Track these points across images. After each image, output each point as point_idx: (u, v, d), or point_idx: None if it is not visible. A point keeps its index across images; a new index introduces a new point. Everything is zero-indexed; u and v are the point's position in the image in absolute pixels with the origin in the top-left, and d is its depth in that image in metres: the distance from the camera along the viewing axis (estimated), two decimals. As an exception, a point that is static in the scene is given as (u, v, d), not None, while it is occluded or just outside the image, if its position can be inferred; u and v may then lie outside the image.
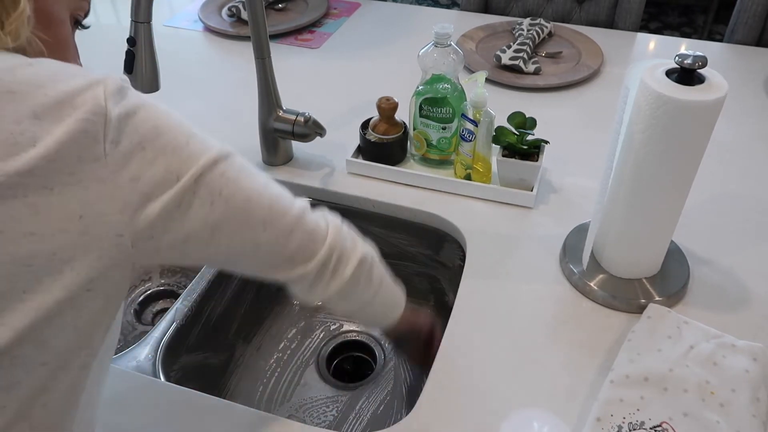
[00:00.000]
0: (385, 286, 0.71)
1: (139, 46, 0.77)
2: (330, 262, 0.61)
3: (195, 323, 0.90)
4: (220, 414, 0.71)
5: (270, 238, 0.55)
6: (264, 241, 0.55)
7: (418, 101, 0.99)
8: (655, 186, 0.73)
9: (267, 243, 0.55)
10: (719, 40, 1.48)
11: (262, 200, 0.54)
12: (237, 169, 0.52)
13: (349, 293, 0.65)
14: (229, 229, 0.51)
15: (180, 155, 0.48)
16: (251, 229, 0.53)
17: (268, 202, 0.54)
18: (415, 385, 0.97)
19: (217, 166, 0.50)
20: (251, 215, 0.53)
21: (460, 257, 0.93)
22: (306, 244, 0.58)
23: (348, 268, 0.63)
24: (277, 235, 0.55)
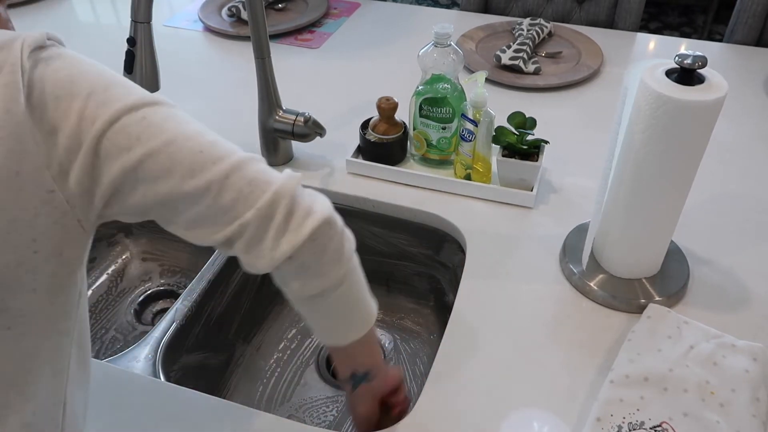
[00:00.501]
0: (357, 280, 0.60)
1: (139, 46, 0.77)
2: (276, 211, 0.51)
3: (195, 323, 0.90)
4: (220, 414, 0.71)
5: (199, 185, 0.48)
6: (192, 189, 0.48)
7: (418, 101, 0.99)
8: (655, 186, 0.73)
9: (196, 191, 0.48)
10: (719, 40, 1.48)
11: (191, 144, 0.48)
12: (163, 115, 0.48)
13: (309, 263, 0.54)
14: (151, 175, 0.47)
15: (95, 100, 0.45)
16: (177, 175, 0.47)
17: (198, 146, 0.48)
18: (415, 385, 0.97)
19: (138, 111, 0.46)
20: (175, 160, 0.47)
21: (460, 257, 0.93)
22: (246, 192, 0.50)
23: (308, 223, 0.52)
24: (208, 182, 0.48)
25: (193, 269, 1.05)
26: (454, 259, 0.97)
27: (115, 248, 1.15)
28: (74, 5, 1.64)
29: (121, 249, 1.15)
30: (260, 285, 1.04)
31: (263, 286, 1.05)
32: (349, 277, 0.59)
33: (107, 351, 1.01)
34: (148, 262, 1.14)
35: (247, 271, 0.54)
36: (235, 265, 0.97)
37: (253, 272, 0.54)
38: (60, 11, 1.59)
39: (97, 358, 0.79)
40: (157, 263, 1.15)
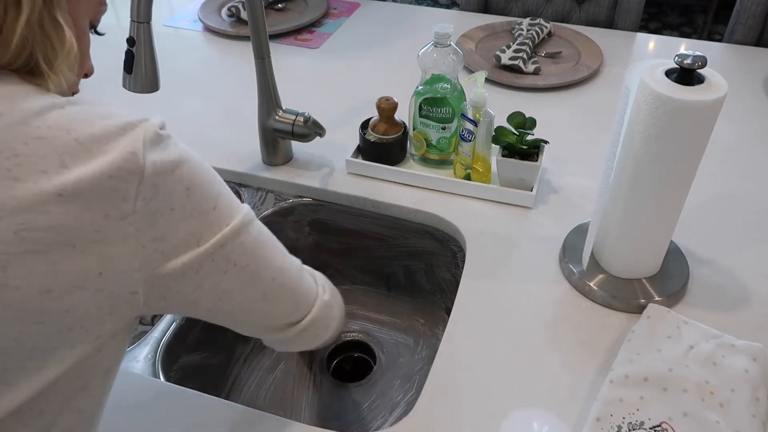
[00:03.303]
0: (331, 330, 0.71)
1: (138, 46, 0.77)
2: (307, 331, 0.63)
3: (195, 323, 0.90)
4: (220, 414, 0.71)
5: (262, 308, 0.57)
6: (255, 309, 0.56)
7: (417, 101, 0.99)
8: (655, 186, 0.73)
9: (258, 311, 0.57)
10: (719, 40, 1.48)
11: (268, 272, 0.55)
12: (255, 238, 0.53)
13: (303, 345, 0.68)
14: (234, 296, 0.52)
15: (205, 220, 0.47)
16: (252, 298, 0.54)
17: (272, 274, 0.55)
18: (415, 384, 0.97)
19: (239, 236, 0.50)
20: (255, 285, 0.54)
21: (460, 257, 0.93)
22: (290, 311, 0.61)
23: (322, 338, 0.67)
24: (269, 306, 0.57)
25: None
26: (454, 259, 0.97)
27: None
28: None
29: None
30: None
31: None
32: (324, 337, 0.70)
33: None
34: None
35: None
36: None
37: None
38: (60, 11, 1.59)
39: (97, 358, 0.79)
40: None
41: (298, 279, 0.60)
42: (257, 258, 0.53)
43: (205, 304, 0.51)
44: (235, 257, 0.50)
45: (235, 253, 0.50)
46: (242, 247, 0.51)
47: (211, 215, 0.48)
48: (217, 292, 0.50)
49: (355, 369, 1.01)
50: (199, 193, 0.47)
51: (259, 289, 0.54)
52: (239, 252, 0.51)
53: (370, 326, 1.07)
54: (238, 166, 1.04)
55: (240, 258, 0.51)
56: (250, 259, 0.52)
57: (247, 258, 0.52)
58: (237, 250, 0.50)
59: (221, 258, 0.49)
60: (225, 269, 0.50)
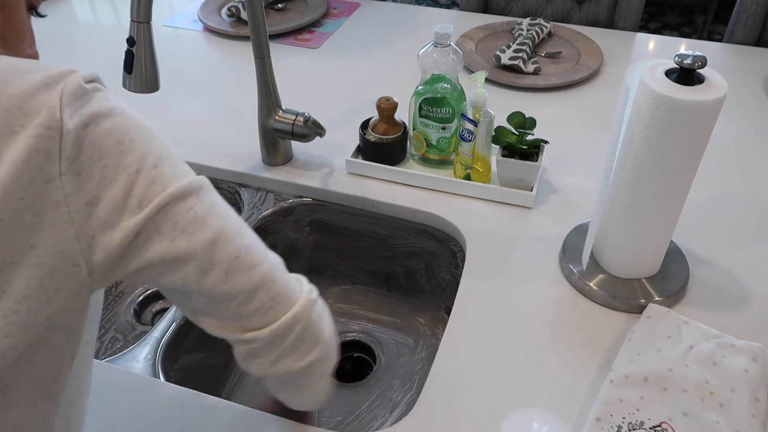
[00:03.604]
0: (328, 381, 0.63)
1: (138, 46, 0.77)
2: (289, 335, 0.52)
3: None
4: (220, 414, 0.71)
5: (229, 291, 0.48)
6: (220, 294, 0.48)
7: (417, 101, 0.99)
8: (655, 186, 0.73)
9: (224, 295, 0.48)
10: (719, 40, 1.48)
11: (230, 247, 0.47)
12: (208, 207, 0.47)
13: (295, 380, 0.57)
14: (186, 269, 0.46)
15: (145, 177, 0.42)
16: (211, 276, 0.47)
17: (235, 251, 0.48)
18: (414, 384, 0.97)
19: (186, 200, 0.45)
20: (213, 261, 0.46)
21: (460, 257, 0.93)
22: (267, 307, 0.50)
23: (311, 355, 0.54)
24: (237, 290, 0.48)
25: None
26: (454, 259, 0.97)
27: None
28: (74, 5, 1.64)
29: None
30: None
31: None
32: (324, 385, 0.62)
33: (107, 351, 1.01)
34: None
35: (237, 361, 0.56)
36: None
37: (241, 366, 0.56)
38: (60, 11, 1.59)
39: (97, 358, 0.79)
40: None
41: (273, 266, 0.51)
42: (212, 228, 0.46)
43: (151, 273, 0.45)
44: (183, 223, 0.44)
45: (182, 218, 0.44)
46: (191, 212, 0.45)
47: (151, 173, 0.43)
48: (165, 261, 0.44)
49: (355, 369, 1.01)
50: (135, 149, 0.42)
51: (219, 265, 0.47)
52: (188, 218, 0.44)
53: (370, 326, 1.07)
54: (238, 166, 1.04)
55: (189, 225, 0.44)
56: (202, 227, 0.45)
57: (198, 225, 0.45)
58: (185, 215, 0.44)
59: (165, 222, 0.43)
60: (172, 236, 0.44)
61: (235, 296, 0.49)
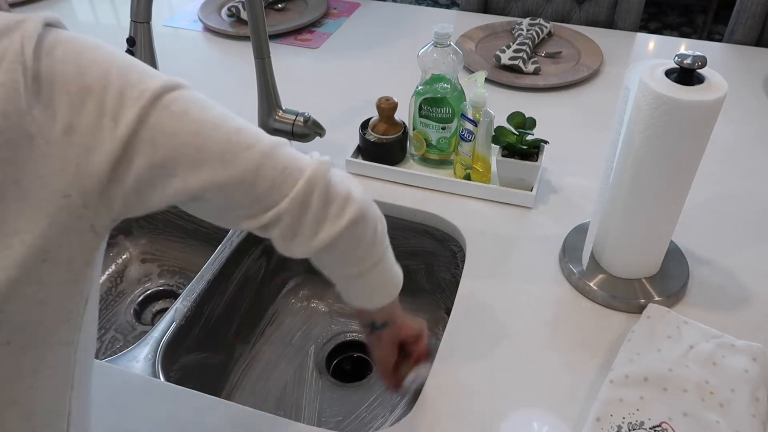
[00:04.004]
0: (389, 255, 0.62)
1: (138, 46, 0.77)
2: (310, 201, 0.51)
3: (195, 323, 0.90)
4: (220, 414, 0.71)
5: (232, 175, 0.47)
6: (224, 180, 0.47)
7: (417, 101, 0.99)
8: (655, 186, 0.73)
9: (229, 181, 0.47)
10: (719, 40, 1.48)
11: (218, 133, 0.46)
12: (185, 102, 0.45)
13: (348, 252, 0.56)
14: (179, 168, 0.45)
15: (113, 93, 0.42)
16: (206, 166, 0.46)
17: (225, 135, 0.47)
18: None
19: (160, 101, 0.44)
20: (204, 151, 0.45)
21: (460, 257, 0.93)
22: (279, 181, 0.49)
23: (346, 213, 0.53)
24: (240, 171, 0.47)
25: (193, 269, 1.05)
26: (454, 259, 0.97)
27: (115, 249, 1.15)
28: (74, 5, 1.64)
29: (121, 250, 1.15)
30: (260, 285, 1.04)
31: (263, 286, 1.05)
32: (383, 257, 0.61)
33: (107, 351, 1.01)
34: (148, 263, 1.15)
35: (284, 254, 0.54)
36: (235, 265, 0.97)
37: (290, 256, 0.54)
38: (60, 11, 1.59)
39: (97, 358, 0.79)
40: (156, 264, 1.15)
41: (272, 144, 0.50)
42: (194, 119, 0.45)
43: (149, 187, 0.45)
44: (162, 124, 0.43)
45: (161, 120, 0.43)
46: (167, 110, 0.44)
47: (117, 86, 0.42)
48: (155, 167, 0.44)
49: (355, 369, 1.01)
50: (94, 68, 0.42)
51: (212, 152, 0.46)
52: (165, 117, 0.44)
53: (370, 326, 1.07)
54: (238, 166, 1.04)
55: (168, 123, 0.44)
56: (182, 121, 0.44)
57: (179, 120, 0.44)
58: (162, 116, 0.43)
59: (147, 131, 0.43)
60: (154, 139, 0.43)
61: (241, 180, 0.48)
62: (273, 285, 1.08)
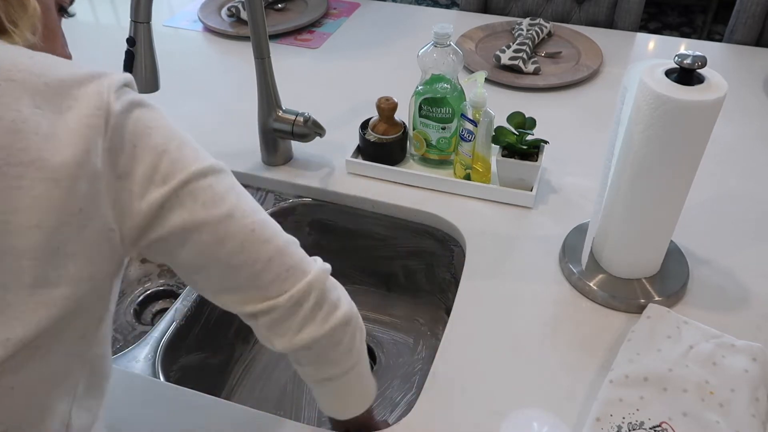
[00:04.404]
0: (364, 363, 0.65)
1: (138, 46, 0.77)
2: (306, 301, 0.56)
3: (195, 323, 0.90)
4: (220, 414, 0.71)
5: (245, 260, 0.52)
6: (237, 263, 0.52)
7: (417, 101, 0.99)
8: (655, 186, 0.73)
9: (240, 265, 0.53)
10: (719, 40, 1.48)
11: (245, 221, 0.52)
12: (226, 186, 0.52)
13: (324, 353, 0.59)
14: (203, 239, 0.50)
15: (169, 158, 0.48)
16: (227, 246, 0.51)
17: (251, 224, 0.52)
18: (414, 384, 0.97)
19: (206, 178, 0.50)
20: (229, 233, 0.51)
21: (460, 257, 0.93)
22: (283, 277, 0.55)
23: (332, 318, 0.57)
24: (254, 259, 0.53)
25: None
26: (454, 259, 0.97)
27: (115, 248, 1.15)
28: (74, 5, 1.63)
29: (121, 249, 1.15)
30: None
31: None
32: (357, 365, 0.64)
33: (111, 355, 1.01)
34: (148, 263, 1.14)
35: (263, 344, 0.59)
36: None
37: (269, 347, 0.59)
38: (60, 11, 1.59)
39: (97, 358, 0.79)
40: (156, 264, 1.15)
41: (287, 242, 0.56)
42: (229, 203, 0.51)
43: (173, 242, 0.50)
44: (203, 197, 0.49)
45: (202, 193, 0.49)
46: (210, 189, 0.50)
47: (175, 153, 0.48)
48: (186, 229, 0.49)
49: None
50: (162, 133, 0.48)
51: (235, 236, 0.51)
52: (207, 193, 0.50)
53: (370, 326, 1.07)
54: (238, 166, 1.04)
55: (207, 198, 0.50)
56: (220, 202, 0.50)
57: (217, 200, 0.50)
58: (205, 190, 0.50)
59: (187, 196, 0.49)
60: (191, 208, 0.49)
61: (252, 265, 0.53)
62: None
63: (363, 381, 0.67)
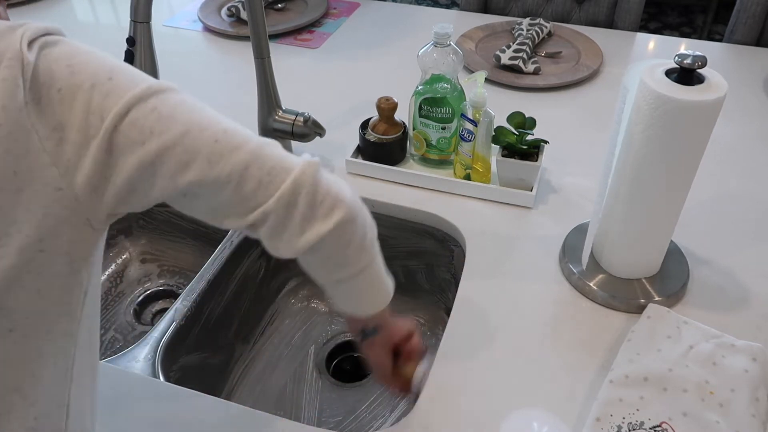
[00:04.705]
0: (378, 263, 0.62)
1: (138, 46, 0.77)
2: (297, 201, 0.51)
3: (195, 323, 0.90)
4: (219, 414, 0.71)
5: (219, 174, 0.47)
6: (211, 179, 0.47)
7: (417, 101, 0.99)
8: (655, 186, 0.73)
9: (215, 182, 0.48)
10: (719, 40, 1.48)
11: (205, 134, 0.47)
12: (173, 104, 0.46)
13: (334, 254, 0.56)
14: (168, 168, 0.46)
15: (100, 91, 0.43)
16: (194, 166, 0.46)
17: (212, 136, 0.47)
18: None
19: (147, 102, 0.45)
20: (192, 152, 0.46)
21: (460, 257, 0.93)
22: (266, 181, 0.49)
23: (333, 214, 0.52)
24: (227, 172, 0.48)
25: (193, 269, 1.05)
26: (454, 259, 0.97)
27: (115, 249, 1.15)
28: (74, 5, 1.64)
29: (121, 250, 1.15)
30: (260, 285, 1.04)
31: (263, 286, 1.05)
32: (371, 263, 0.60)
33: (107, 351, 1.01)
34: (148, 263, 1.15)
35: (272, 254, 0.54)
36: (235, 266, 0.97)
37: (277, 256, 0.54)
38: (59, 11, 1.59)
39: (97, 358, 0.79)
40: (156, 264, 1.15)
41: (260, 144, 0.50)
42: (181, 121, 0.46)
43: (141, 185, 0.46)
44: (149, 124, 0.44)
45: (146, 120, 0.44)
46: (154, 112, 0.45)
47: (106, 86, 0.43)
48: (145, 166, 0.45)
49: (355, 369, 1.01)
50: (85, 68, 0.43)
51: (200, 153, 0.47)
52: (152, 119, 0.44)
53: (370, 326, 1.07)
54: (238, 166, 1.04)
55: (156, 124, 0.44)
56: (170, 122, 0.45)
57: (167, 122, 0.45)
58: (148, 116, 0.44)
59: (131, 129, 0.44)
60: (142, 140, 0.44)
61: (227, 180, 0.48)
62: (273, 285, 1.08)
63: (378, 280, 0.63)
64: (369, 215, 0.59)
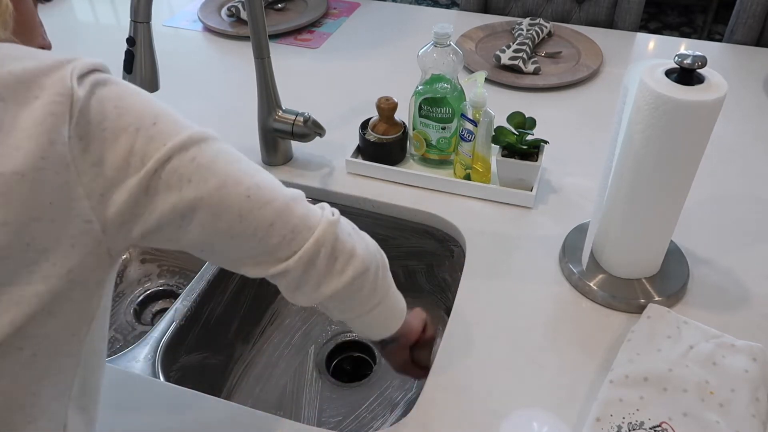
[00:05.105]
0: (390, 295, 0.66)
1: (138, 46, 0.77)
2: (317, 259, 0.55)
3: (195, 323, 0.90)
4: (219, 414, 0.71)
5: (246, 229, 0.50)
6: (239, 233, 0.50)
7: (417, 101, 0.99)
8: (655, 186, 0.73)
9: (242, 235, 0.51)
10: (719, 40, 1.48)
11: (239, 189, 0.49)
12: (212, 155, 0.49)
13: (347, 300, 0.60)
14: (200, 217, 0.48)
15: (144, 136, 0.45)
16: (225, 219, 0.49)
17: (245, 191, 0.50)
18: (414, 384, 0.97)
19: (188, 151, 0.47)
20: (224, 204, 0.49)
21: (460, 257, 0.93)
22: (289, 238, 0.53)
23: (348, 270, 0.57)
24: (254, 227, 0.51)
25: (193, 269, 1.05)
26: (454, 259, 0.97)
27: (115, 248, 1.15)
28: (74, 5, 1.64)
29: (121, 249, 1.15)
30: (260, 285, 1.04)
31: (263, 286, 1.05)
32: (384, 298, 0.64)
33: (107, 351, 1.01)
34: (148, 263, 1.14)
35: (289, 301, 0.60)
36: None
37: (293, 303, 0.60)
38: (60, 11, 1.59)
39: (97, 358, 0.79)
40: (156, 264, 1.15)
41: (287, 200, 0.53)
42: (218, 173, 0.48)
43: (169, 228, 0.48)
44: (188, 173, 0.46)
45: (186, 169, 0.46)
46: (194, 162, 0.47)
47: (150, 131, 0.45)
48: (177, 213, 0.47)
49: (355, 369, 1.01)
50: (132, 111, 0.45)
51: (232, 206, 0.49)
52: (191, 168, 0.47)
53: (370, 326, 1.07)
54: (238, 166, 1.04)
55: (194, 174, 0.47)
56: (208, 174, 0.47)
57: (205, 173, 0.47)
58: (188, 165, 0.46)
59: (170, 175, 0.46)
60: (179, 187, 0.46)
61: (253, 234, 0.51)
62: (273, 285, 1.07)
63: (391, 309, 0.68)
64: (379, 255, 0.63)
